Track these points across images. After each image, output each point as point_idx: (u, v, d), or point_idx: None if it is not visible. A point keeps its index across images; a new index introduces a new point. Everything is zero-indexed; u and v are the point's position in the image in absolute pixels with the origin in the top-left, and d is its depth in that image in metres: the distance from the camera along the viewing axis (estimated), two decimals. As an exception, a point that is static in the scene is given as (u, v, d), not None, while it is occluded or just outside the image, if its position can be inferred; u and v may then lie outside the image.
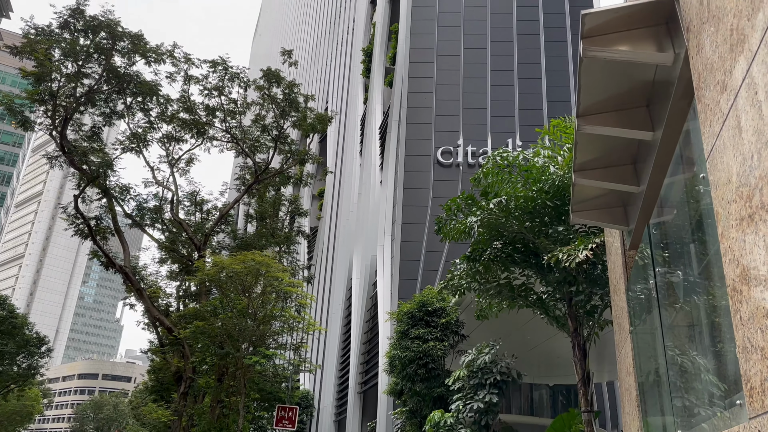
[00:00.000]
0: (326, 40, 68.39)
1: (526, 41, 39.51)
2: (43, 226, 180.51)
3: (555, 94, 37.85)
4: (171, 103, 26.97)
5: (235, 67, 28.16)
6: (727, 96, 3.74)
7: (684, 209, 5.92)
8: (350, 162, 49.53)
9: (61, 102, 23.67)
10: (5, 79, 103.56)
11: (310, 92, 63.67)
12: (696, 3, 4.30)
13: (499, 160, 13.36)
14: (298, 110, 29.15)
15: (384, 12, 47.38)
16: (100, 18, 23.77)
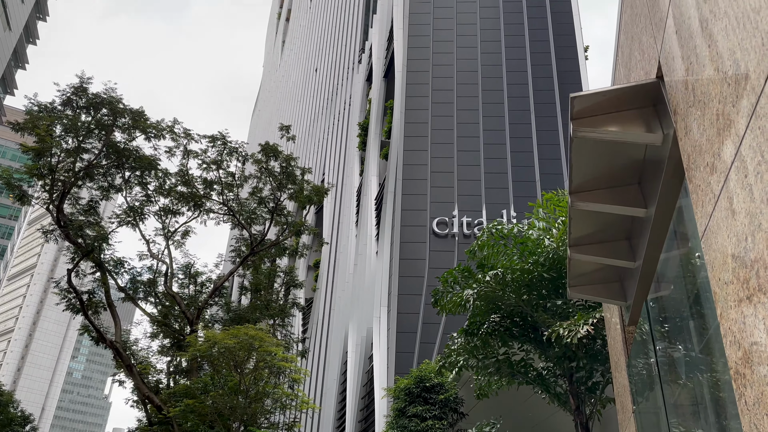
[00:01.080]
0: (323, 115, 70.13)
1: (517, 116, 40.58)
2: (35, 300, 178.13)
3: (547, 167, 38.51)
4: (169, 176, 27.26)
5: (234, 142, 28.68)
6: (718, 177, 3.79)
7: (682, 285, 5.88)
8: (346, 233, 49.68)
9: (60, 176, 23.89)
10: (5, 153, 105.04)
11: (307, 165, 64.64)
12: (681, 88, 4.44)
13: (494, 232, 13.41)
14: (295, 183, 29.48)
15: (379, 89, 48.85)
16: (102, 95, 24.39)
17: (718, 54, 3.63)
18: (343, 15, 71.38)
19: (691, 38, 4.10)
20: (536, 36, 43.02)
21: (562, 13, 43.73)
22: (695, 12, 4.01)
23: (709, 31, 3.76)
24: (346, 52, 66.13)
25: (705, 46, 3.85)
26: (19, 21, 42.90)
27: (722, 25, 3.55)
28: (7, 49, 41.78)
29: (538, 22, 43.53)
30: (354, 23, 65.99)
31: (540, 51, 42.32)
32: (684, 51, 4.30)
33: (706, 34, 3.81)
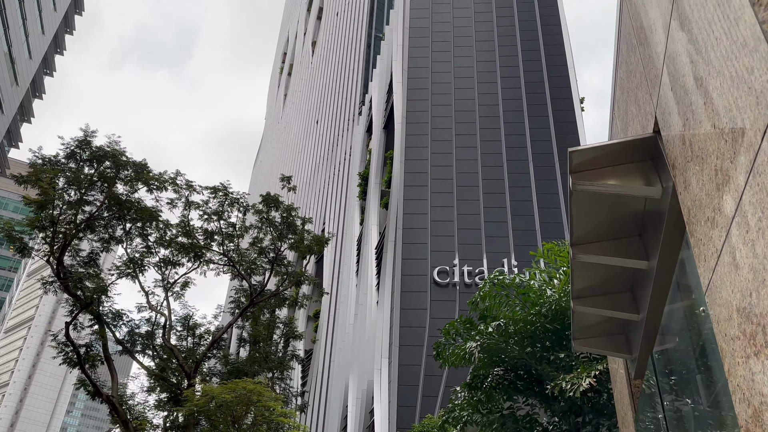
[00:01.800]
0: (324, 166, 70.82)
1: (515, 166, 40.97)
2: (31, 353, 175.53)
3: (546, 216, 38.63)
4: (170, 228, 27.31)
5: (235, 193, 28.87)
6: (719, 232, 3.79)
7: (688, 338, 5.81)
8: (346, 282, 49.37)
9: (61, 228, 23.93)
10: (8, 205, 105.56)
11: (307, 215, 64.85)
12: (679, 143, 4.49)
13: (496, 282, 13.33)
14: (296, 233, 29.51)
15: (379, 140, 49.51)
16: (105, 148, 24.69)
17: (714, 111, 3.69)
18: (343, 69, 73.02)
19: (687, 95, 4.18)
20: (532, 89, 43.87)
21: (557, 66, 44.72)
22: (690, 70, 4.10)
23: (704, 88, 3.84)
24: (346, 105, 67.34)
25: (701, 103, 3.92)
26: (26, 77, 43.82)
27: (716, 84, 3.62)
28: (14, 104, 42.53)
29: (534, 75, 44.47)
30: (354, 77, 67.44)
31: (536, 103, 43.08)
32: (680, 107, 4.38)
33: (701, 91, 3.88)
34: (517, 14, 48.66)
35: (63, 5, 49.20)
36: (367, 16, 69.77)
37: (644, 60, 5.42)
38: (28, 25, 42.03)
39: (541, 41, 46.57)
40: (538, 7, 48.93)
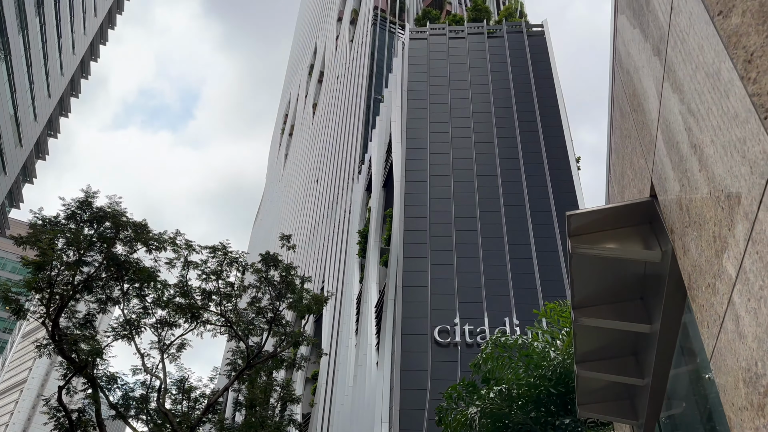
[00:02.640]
0: (324, 224, 71.07)
1: (514, 224, 41.12)
2: (22, 417, 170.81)
3: (547, 274, 38.46)
4: (168, 288, 27.13)
5: (235, 252, 28.83)
6: (720, 299, 3.76)
7: (695, 403, 5.67)
8: (346, 343, 48.63)
9: (58, 290, 23.77)
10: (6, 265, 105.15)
11: (306, 273, 64.56)
12: (676, 208, 4.52)
13: (498, 344, 13.13)
14: (295, 292, 29.29)
15: (379, 198, 49.90)
16: (106, 209, 24.82)
17: (710, 178, 3.73)
18: (343, 130, 74.40)
19: (682, 161, 4.23)
20: (529, 148, 44.55)
21: (552, 127, 45.57)
22: (684, 137, 4.17)
23: (698, 155, 3.89)
24: (346, 164, 68.23)
25: (696, 170, 3.96)
26: (30, 138, 44.56)
27: (710, 151, 3.67)
28: (17, 165, 43.05)
29: (530, 136, 45.26)
30: (354, 137, 68.63)
31: (533, 162, 43.66)
32: (675, 173, 4.43)
33: (696, 158, 3.93)
34: (512, 77, 49.96)
35: (70, 70, 50.53)
36: (367, 79, 71.62)
37: (638, 126, 5.52)
38: (35, 88, 43.04)
39: (536, 102, 47.62)
40: (533, 69, 50.29)
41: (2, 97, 37.49)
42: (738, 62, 3.19)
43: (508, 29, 54.40)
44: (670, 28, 4.37)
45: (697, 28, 3.79)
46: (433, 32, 55.83)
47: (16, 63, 38.98)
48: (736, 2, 3.30)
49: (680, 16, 4.13)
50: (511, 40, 53.06)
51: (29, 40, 40.57)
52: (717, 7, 3.48)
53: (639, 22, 5.40)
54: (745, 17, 3.20)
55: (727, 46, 3.32)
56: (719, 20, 3.44)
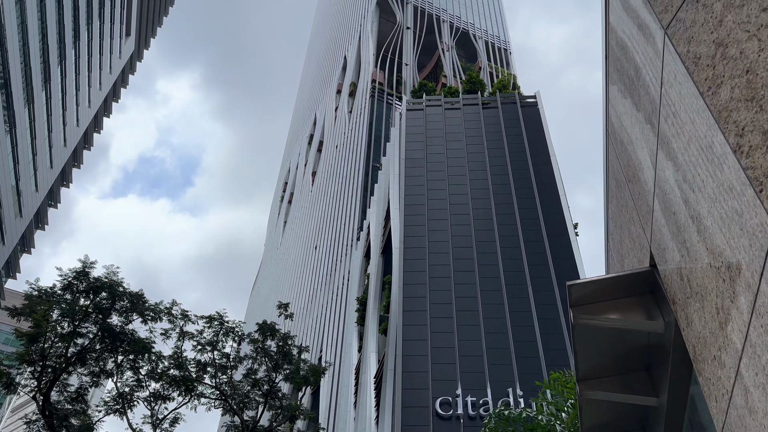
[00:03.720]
0: (322, 291, 70.53)
1: (514, 291, 40.83)
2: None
3: (550, 342, 37.86)
4: (162, 359, 26.59)
5: (231, 322, 28.46)
6: (728, 372, 3.67)
7: (707, 482, 5.44)
8: (344, 416, 47.21)
9: (51, 363, 23.27)
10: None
11: (304, 342, 63.52)
12: (677, 278, 4.49)
13: (502, 417, 12.74)
14: (292, 362, 28.71)
15: (377, 264, 49.74)
16: (103, 279, 24.67)
17: (709, 249, 3.72)
18: (342, 197, 75.10)
19: (680, 232, 4.23)
20: (526, 215, 44.85)
21: (549, 194, 46.04)
22: (681, 208, 4.19)
23: (696, 226, 3.89)
24: (344, 231, 68.44)
25: (695, 241, 3.96)
26: (30, 209, 44.83)
27: (708, 223, 3.68)
28: (16, 236, 43.11)
29: (527, 203, 45.67)
30: (352, 204, 69.19)
31: (531, 228, 43.84)
32: (674, 243, 4.42)
33: (694, 228, 3.94)
34: (507, 146, 50.94)
35: (73, 141, 51.48)
36: (365, 148, 72.96)
37: (634, 195, 5.56)
38: (38, 160, 43.68)
39: (531, 170, 48.34)
40: (527, 138, 51.34)
41: (5, 169, 37.99)
42: (730, 136, 3.25)
43: (502, 100, 55.93)
44: (662, 101, 4.48)
45: (687, 102, 3.88)
46: (429, 103, 57.35)
47: (21, 135, 39.74)
48: (724, 79, 3.39)
49: (671, 90, 4.24)
50: (505, 111, 54.46)
51: (35, 113, 41.53)
52: (706, 84, 3.58)
53: (631, 94, 5.54)
54: (734, 93, 3.28)
55: (718, 121, 3.39)
56: (709, 96, 3.53)
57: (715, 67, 3.51)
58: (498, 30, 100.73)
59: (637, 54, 5.20)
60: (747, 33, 3.27)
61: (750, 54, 3.20)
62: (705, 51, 3.66)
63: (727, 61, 3.39)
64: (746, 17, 3.31)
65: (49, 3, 41.06)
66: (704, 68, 3.63)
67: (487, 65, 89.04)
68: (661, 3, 4.34)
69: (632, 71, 5.37)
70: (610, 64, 6.26)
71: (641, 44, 4.98)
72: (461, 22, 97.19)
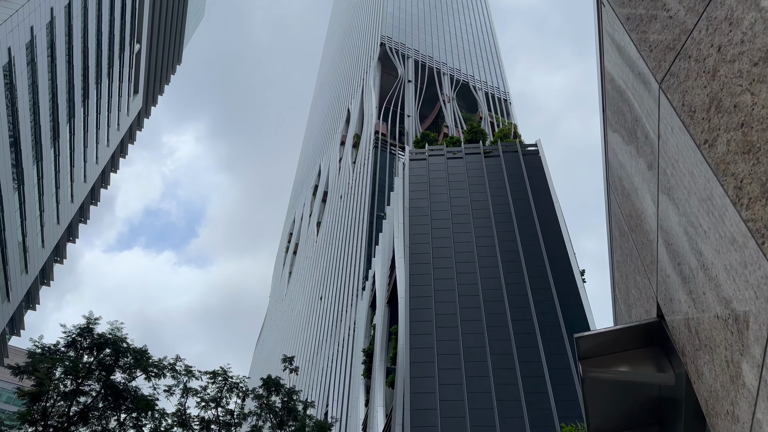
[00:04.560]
0: (327, 343, 69.67)
1: (523, 340, 40.25)
2: None
3: (561, 393, 37.04)
4: (166, 417, 26.09)
5: (235, 377, 28.05)
6: (741, 428, 3.57)
7: None
8: (352, 473, 45.88)
9: (53, 422, 22.85)
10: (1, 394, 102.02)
11: (309, 397, 62.37)
12: (685, 330, 4.43)
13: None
14: (297, 419, 28.10)
15: (383, 315, 49.28)
16: (107, 335, 24.48)
17: (715, 301, 3.68)
18: (347, 247, 75.10)
19: (685, 283, 4.20)
20: (532, 262, 44.63)
21: (554, 242, 45.92)
22: (685, 259, 4.17)
23: (701, 278, 3.87)
24: (349, 281, 68.14)
25: (700, 292, 3.92)
26: (36, 265, 44.93)
27: (713, 274, 3.66)
28: (21, 292, 43.07)
29: (533, 249, 45.53)
30: (357, 253, 69.11)
31: (538, 276, 43.55)
32: (680, 294, 4.38)
33: (699, 281, 3.91)
34: (510, 193, 51.18)
35: (80, 197, 52.02)
36: (369, 197, 73.43)
37: (638, 245, 5.55)
38: (45, 216, 44.05)
39: (536, 217, 48.38)
40: (530, 185, 51.61)
41: (12, 225, 38.28)
42: (729, 188, 3.27)
43: (504, 149, 56.56)
44: (660, 152, 4.53)
45: (685, 154, 3.92)
46: (431, 153, 58.01)
47: (29, 192, 40.22)
48: (720, 132, 3.44)
49: (668, 142, 4.29)
50: (507, 159, 54.98)
51: (43, 171, 42.13)
52: (702, 136, 3.62)
53: (630, 144, 5.60)
54: (731, 146, 3.32)
55: (717, 173, 3.41)
56: (705, 149, 3.57)
57: (710, 120, 3.56)
58: (497, 81, 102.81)
59: (634, 105, 5.29)
60: (740, 87, 3.33)
61: (744, 108, 3.25)
62: (699, 104, 3.72)
63: (722, 114, 3.44)
64: (738, 72, 3.38)
65: (59, 63, 42.23)
66: (700, 121, 3.68)
67: (487, 115, 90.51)
68: (654, 57, 4.43)
69: (630, 121, 5.44)
70: (609, 115, 6.35)
71: (637, 95, 5.07)
72: (461, 74, 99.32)
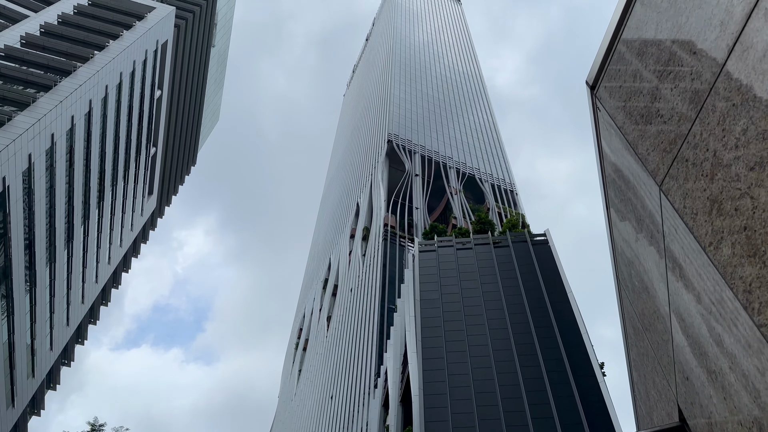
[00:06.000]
0: (339, 445, 66.85)
1: (540, 425, 38.54)
2: None
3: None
4: None
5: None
6: None
7: None
8: None
9: None
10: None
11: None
12: None
13: None
14: None
15: (396, 415, 47.53)
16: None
17: (736, 408, 3.56)
18: (358, 341, 73.82)
19: (704, 388, 4.08)
20: (549, 355, 43.50)
21: (570, 333, 44.96)
22: (701, 362, 4.07)
23: (720, 383, 3.76)
24: (361, 378, 66.37)
25: (720, 397, 3.80)
26: (43, 368, 44.29)
27: (731, 379, 3.56)
28: (26, 398, 42.16)
29: (549, 342, 44.50)
30: (369, 348, 67.77)
31: (556, 370, 42.27)
32: (701, 398, 4.24)
33: (718, 385, 3.79)
34: (522, 284, 50.69)
35: (91, 298, 52.09)
36: (380, 291, 72.91)
37: (653, 345, 5.43)
38: (55, 318, 43.93)
39: (550, 308, 47.58)
40: (541, 275, 51.24)
41: (21, 328, 38.10)
42: (738, 292, 3.24)
43: (513, 239, 56.71)
44: (666, 253, 4.53)
45: (692, 256, 3.92)
46: (441, 244, 58.19)
47: (40, 294, 40.34)
48: (724, 235, 3.46)
49: (673, 243, 4.31)
50: (516, 249, 54.98)
51: (55, 272, 42.47)
52: (707, 239, 3.64)
53: (637, 245, 5.62)
54: (736, 249, 3.33)
55: (725, 276, 3.40)
56: (711, 251, 3.57)
57: (713, 223, 3.59)
58: (503, 173, 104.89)
59: (636, 205, 5.35)
60: (739, 191, 3.39)
61: (745, 211, 3.28)
62: (701, 207, 3.77)
63: (724, 217, 3.48)
64: (735, 175, 3.45)
65: (77, 167, 43.68)
66: (703, 224, 3.71)
67: (494, 206, 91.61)
68: (652, 161, 4.55)
69: (635, 221, 5.49)
70: (612, 214, 6.42)
71: (639, 196, 5.14)
72: (467, 167, 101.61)
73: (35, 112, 38.46)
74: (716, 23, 3.79)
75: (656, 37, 4.77)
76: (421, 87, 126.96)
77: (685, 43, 4.23)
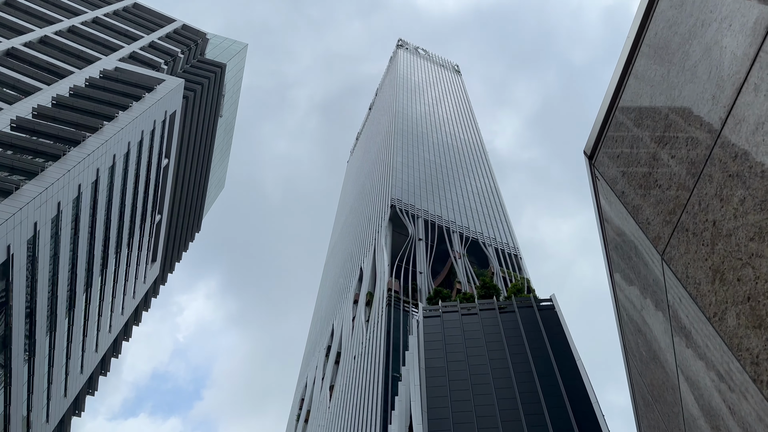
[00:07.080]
0: None
1: None
2: None
3: None
4: None
5: None
6: None
7: None
8: None
9: None
10: None
11: None
12: None
13: None
14: None
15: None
16: None
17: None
18: (361, 412, 71.85)
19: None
20: (559, 425, 42.17)
21: (580, 401, 43.77)
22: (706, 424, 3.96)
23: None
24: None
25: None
26: (56, 416, 43.02)
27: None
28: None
29: (559, 412, 43.24)
30: (372, 420, 65.81)
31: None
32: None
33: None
34: (529, 350, 49.76)
35: (90, 367, 51.17)
36: (384, 357, 71.53)
37: (664, 417, 5.29)
38: (53, 389, 43.03)
39: (558, 375, 46.51)
40: (549, 341, 50.34)
41: (18, 400, 37.26)
42: (746, 364, 3.19)
43: (519, 304, 56.10)
44: (672, 323, 4.48)
45: (697, 327, 3.88)
46: (445, 309, 57.55)
47: (39, 364, 39.68)
48: (728, 305, 3.43)
49: (679, 312, 4.27)
50: (522, 314, 54.31)
51: (55, 341, 41.93)
52: (711, 309, 3.61)
53: (641, 313, 5.56)
54: (741, 319, 3.29)
55: (731, 347, 3.35)
56: (716, 322, 3.54)
57: (716, 293, 3.57)
58: (506, 237, 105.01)
59: (640, 274, 5.34)
60: (740, 261, 3.39)
61: (747, 281, 3.27)
62: (703, 277, 3.75)
63: (727, 287, 3.46)
64: (736, 246, 3.45)
65: (82, 235, 43.88)
66: (706, 294, 3.69)
67: (499, 270, 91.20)
68: (653, 230, 4.57)
69: (638, 291, 5.46)
70: (617, 279, 6.39)
71: (641, 266, 5.13)
72: (470, 231, 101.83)
73: (43, 181, 39.03)
74: (708, 97, 3.90)
75: (652, 106, 4.90)
76: (423, 153, 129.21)
77: (680, 114, 4.33)
